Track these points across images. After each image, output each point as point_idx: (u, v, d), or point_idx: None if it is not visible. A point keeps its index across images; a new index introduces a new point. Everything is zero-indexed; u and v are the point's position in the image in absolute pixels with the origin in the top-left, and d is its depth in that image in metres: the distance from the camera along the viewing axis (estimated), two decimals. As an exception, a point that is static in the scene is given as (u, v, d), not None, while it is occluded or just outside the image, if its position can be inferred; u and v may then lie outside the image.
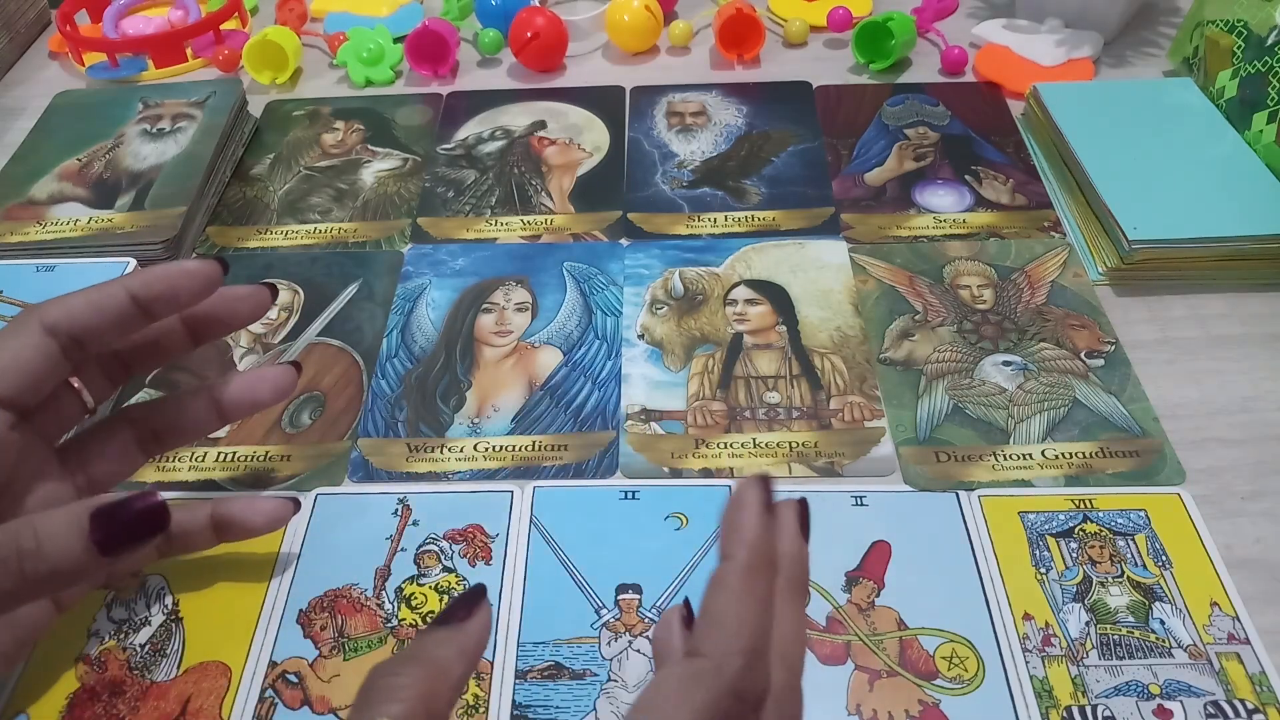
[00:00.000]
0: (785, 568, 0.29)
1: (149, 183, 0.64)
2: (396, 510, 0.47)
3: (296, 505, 0.44)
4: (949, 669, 0.40)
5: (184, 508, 0.37)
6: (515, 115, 0.73)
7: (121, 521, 0.30)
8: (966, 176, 0.65)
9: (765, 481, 0.29)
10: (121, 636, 0.42)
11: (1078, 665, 0.40)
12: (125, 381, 0.42)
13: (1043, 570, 0.43)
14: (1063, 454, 0.48)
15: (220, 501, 0.42)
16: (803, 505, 0.30)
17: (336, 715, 0.40)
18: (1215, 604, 0.42)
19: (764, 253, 0.60)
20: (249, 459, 0.50)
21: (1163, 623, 0.41)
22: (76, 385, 0.39)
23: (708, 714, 0.25)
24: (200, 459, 0.50)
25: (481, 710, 0.40)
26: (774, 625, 0.28)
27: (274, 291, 0.42)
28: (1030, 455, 0.48)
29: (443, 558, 0.45)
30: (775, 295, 0.58)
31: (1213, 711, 0.39)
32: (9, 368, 0.35)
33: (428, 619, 0.43)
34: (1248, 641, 0.41)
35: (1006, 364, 0.53)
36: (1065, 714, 0.39)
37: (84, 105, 0.73)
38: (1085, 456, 0.48)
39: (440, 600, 0.43)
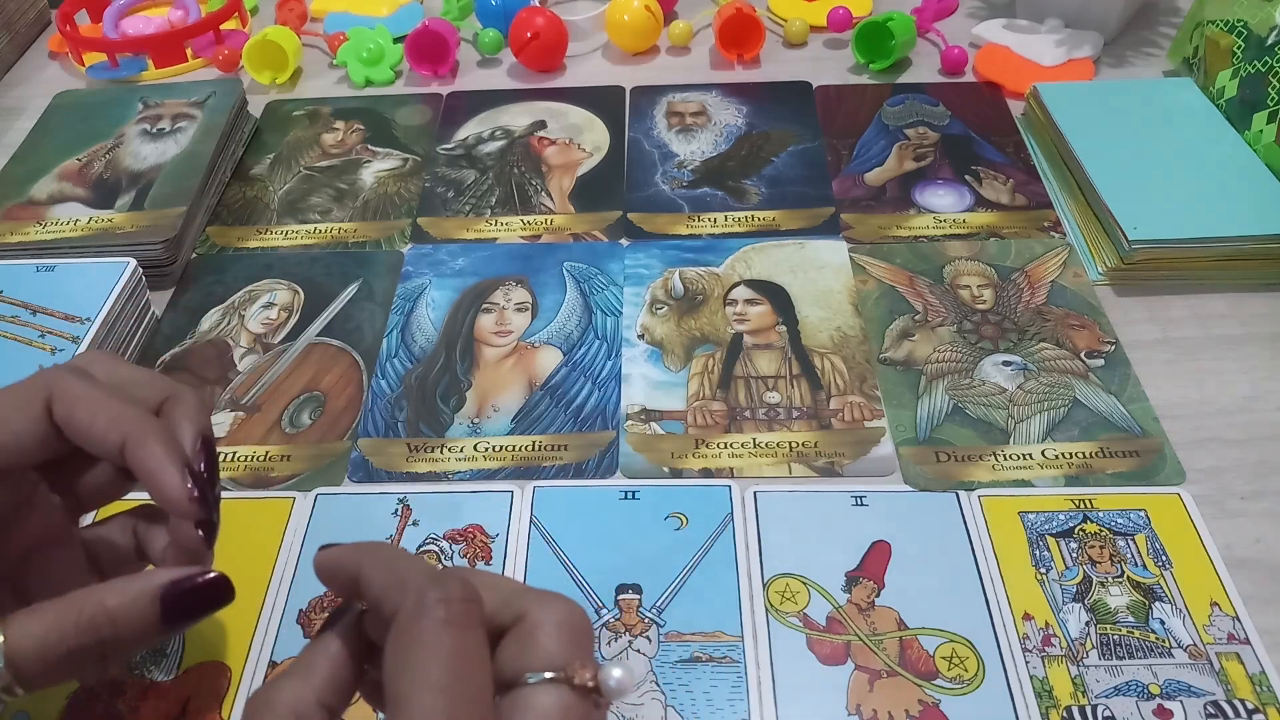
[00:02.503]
0: None
1: (149, 183, 0.64)
2: (396, 510, 0.47)
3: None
4: (949, 669, 0.40)
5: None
6: (515, 115, 0.73)
7: (190, 599, 0.31)
8: (966, 176, 0.65)
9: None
10: (121, 636, 0.42)
11: (1078, 665, 0.40)
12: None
13: (1043, 570, 0.43)
14: (1063, 454, 0.48)
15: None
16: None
17: (336, 715, 0.40)
18: (1215, 604, 0.42)
19: (764, 253, 0.60)
20: (249, 459, 0.50)
21: (1163, 623, 0.41)
22: None
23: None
24: (200, 459, 0.50)
25: (481, 710, 0.40)
26: None
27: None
28: (1030, 455, 0.48)
29: (443, 558, 0.45)
30: (775, 295, 0.58)
31: (1213, 711, 0.39)
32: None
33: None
34: (1248, 641, 0.41)
35: (1006, 364, 0.53)
36: (1065, 714, 0.39)
37: (84, 105, 0.73)
38: (1085, 456, 0.48)
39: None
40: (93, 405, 0.33)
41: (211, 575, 0.31)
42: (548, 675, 0.26)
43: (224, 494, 0.48)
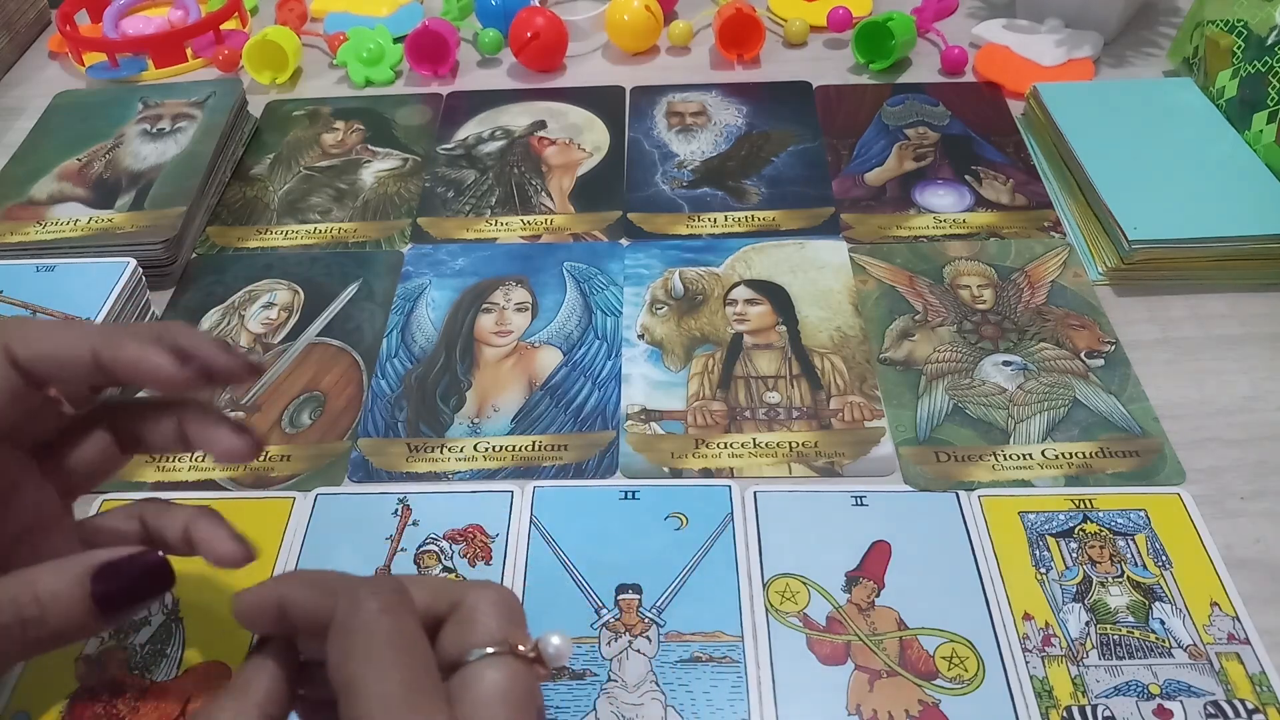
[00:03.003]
0: None
1: (149, 183, 0.64)
2: (396, 510, 0.47)
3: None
4: (949, 669, 0.40)
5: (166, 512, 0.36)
6: (515, 115, 0.73)
7: (125, 581, 0.30)
8: (966, 176, 0.65)
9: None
10: (121, 636, 0.42)
11: (1078, 665, 0.40)
12: (108, 387, 0.38)
13: (1043, 570, 0.43)
14: (1063, 454, 0.48)
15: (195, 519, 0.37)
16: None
17: (336, 715, 0.40)
18: (1215, 604, 0.42)
19: (764, 253, 0.60)
20: (249, 459, 0.50)
21: (1163, 623, 0.41)
22: (54, 394, 0.37)
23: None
24: (200, 459, 0.50)
25: (481, 710, 0.40)
26: None
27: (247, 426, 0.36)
28: (1030, 455, 0.48)
29: (443, 558, 0.45)
30: (775, 295, 0.58)
31: (1213, 711, 0.39)
32: None
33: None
34: (1248, 641, 0.41)
35: (1006, 364, 0.53)
36: (1065, 714, 0.39)
37: (84, 105, 0.73)
38: (1085, 456, 0.48)
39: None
40: (53, 333, 0.33)
41: (147, 554, 0.31)
42: (489, 650, 0.28)
43: (224, 494, 0.48)
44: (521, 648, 0.28)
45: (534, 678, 0.28)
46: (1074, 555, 0.44)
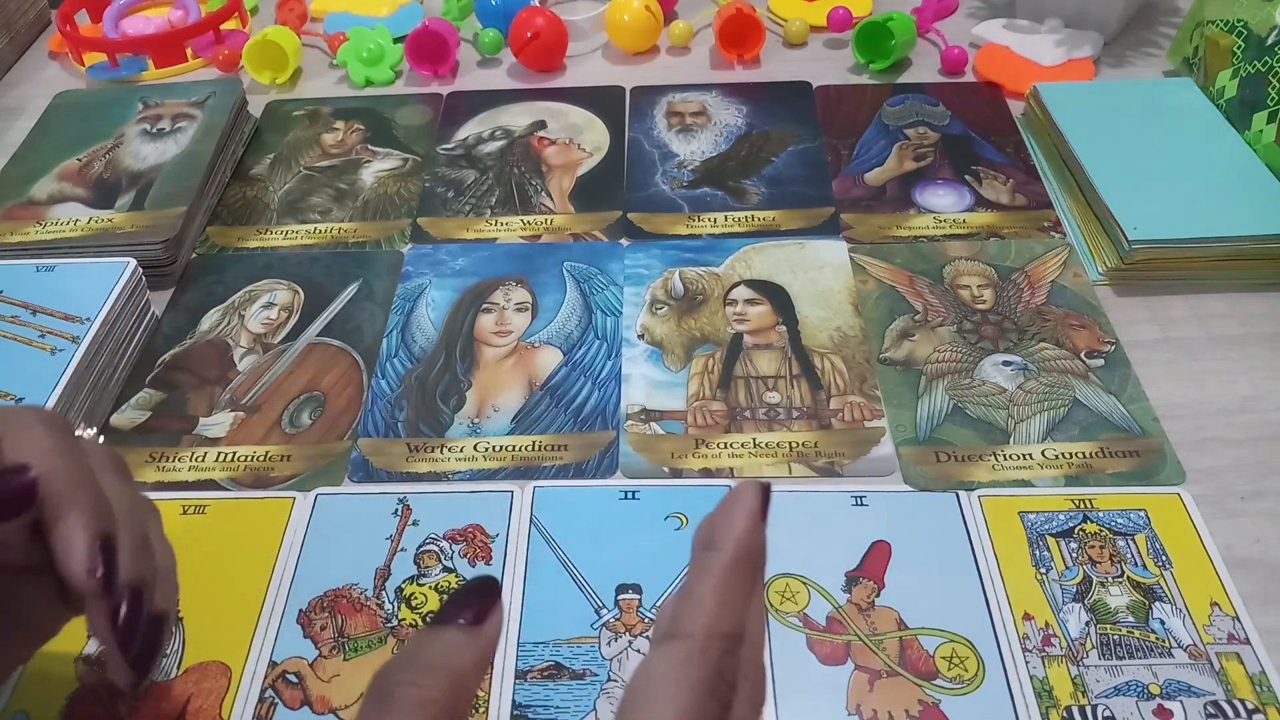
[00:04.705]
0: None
1: (149, 183, 0.64)
2: (396, 510, 0.47)
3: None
4: (949, 669, 0.40)
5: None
6: (515, 115, 0.73)
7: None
8: (966, 176, 0.65)
9: (765, 489, 0.29)
10: (121, 636, 0.42)
11: (1078, 665, 0.40)
12: None
13: (1043, 570, 0.43)
14: (1063, 454, 0.48)
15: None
16: (765, 490, 0.30)
17: (337, 715, 0.40)
18: (1215, 604, 0.42)
19: (764, 253, 0.60)
20: (249, 459, 0.50)
21: (1163, 623, 0.41)
22: None
23: (700, 692, 0.25)
24: (200, 459, 0.50)
25: (481, 710, 0.40)
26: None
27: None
28: (1030, 455, 0.48)
29: (443, 558, 0.45)
30: (775, 295, 0.58)
31: (1213, 711, 0.39)
32: None
33: (427, 619, 0.43)
34: (1248, 641, 0.41)
35: (1006, 364, 0.53)
36: (1065, 714, 0.39)
37: (84, 105, 0.73)
38: (1085, 456, 0.48)
39: (440, 601, 0.43)
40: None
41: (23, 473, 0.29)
42: None
43: (224, 494, 0.48)
44: None
45: None
46: (1074, 555, 0.44)
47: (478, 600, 0.28)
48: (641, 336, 0.56)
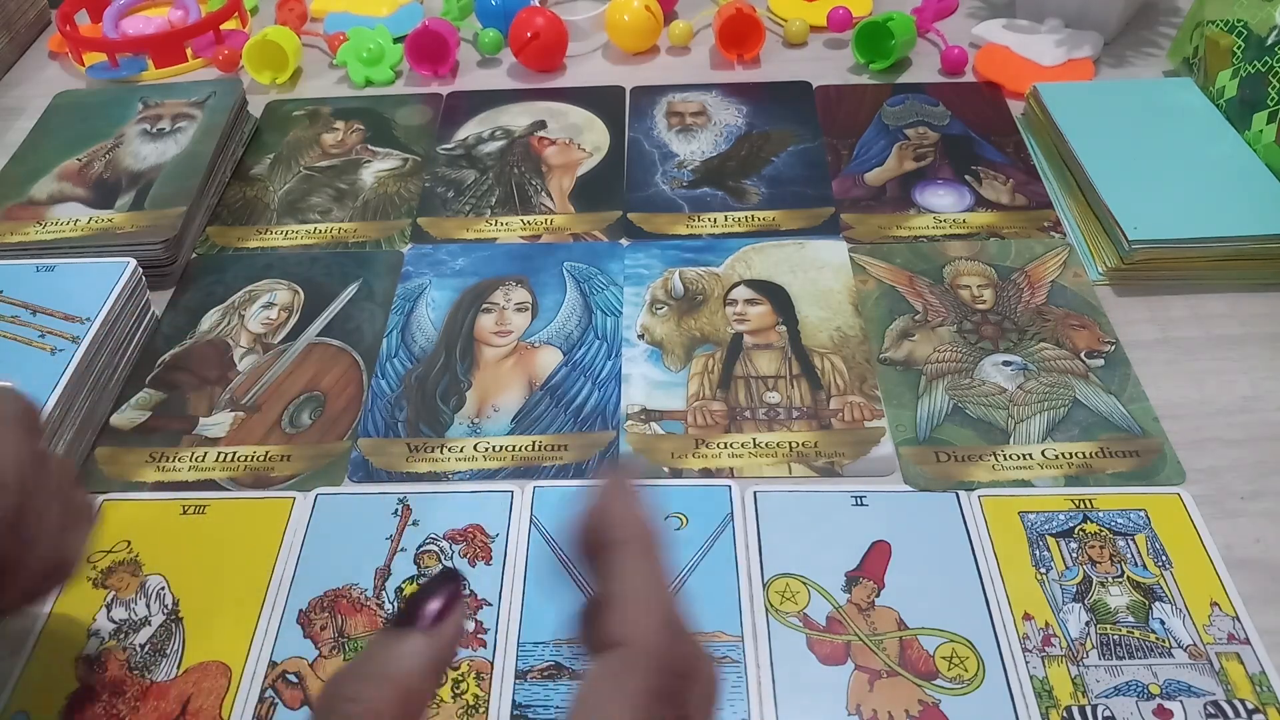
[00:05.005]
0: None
1: (149, 183, 0.64)
2: (396, 510, 0.47)
3: None
4: (949, 669, 0.40)
5: None
6: (515, 115, 0.73)
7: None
8: (966, 176, 0.65)
9: (626, 469, 0.29)
10: (121, 636, 0.42)
11: (1078, 665, 0.40)
12: None
13: (1043, 570, 0.43)
14: (1063, 454, 0.48)
15: None
16: (625, 470, 0.29)
17: (336, 715, 0.40)
18: (1215, 604, 0.42)
19: (764, 253, 0.60)
20: (249, 459, 0.50)
21: (1163, 623, 0.41)
22: None
23: (646, 697, 0.24)
24: (200, 459, 0.50)
25: (481, 710, 0.40)
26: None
27: None
28: (1030, 455, 0.48)
29: (443, 558, 0.45)
30: (775, 295, 0.58)
31: (1213, 711, 0.39)
32: None
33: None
34: (1248, 641, 0.41)
35: (1006, 364, 0.53)
36: (1065, 714, 0.39)
37: (84, 105, 0.73)
38: (1085, 456, 0.48)
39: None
40: None
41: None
42: None
43: (225, 494, 0.48)
44: None
45: None
46: (1074, 555, 0.44)
47: (436, 599, 0.27)
48: (641, 336, 0.56)
